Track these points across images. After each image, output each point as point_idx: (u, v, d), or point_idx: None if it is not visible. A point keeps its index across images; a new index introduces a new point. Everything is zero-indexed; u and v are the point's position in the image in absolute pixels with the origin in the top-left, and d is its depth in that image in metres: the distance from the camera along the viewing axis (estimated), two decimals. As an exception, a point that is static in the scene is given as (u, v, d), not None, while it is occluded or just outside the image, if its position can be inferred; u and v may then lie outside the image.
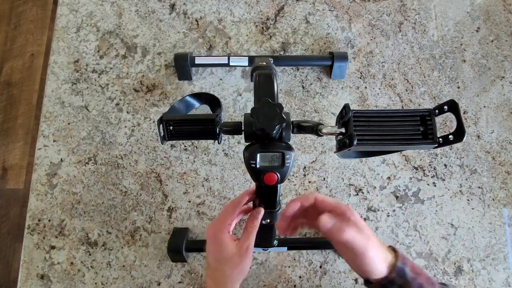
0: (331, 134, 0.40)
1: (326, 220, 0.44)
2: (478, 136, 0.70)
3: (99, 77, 0.71)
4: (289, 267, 0.64)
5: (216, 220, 0.48)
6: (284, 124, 0.41)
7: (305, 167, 0.68)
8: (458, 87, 0.72)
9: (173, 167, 0.67)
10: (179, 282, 0.63)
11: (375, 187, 0.67)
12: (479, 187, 0.68)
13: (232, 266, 0.47)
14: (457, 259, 0.65)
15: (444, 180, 0.68)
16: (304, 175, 0.67)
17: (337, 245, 0.46)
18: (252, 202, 0.50)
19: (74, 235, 0.65)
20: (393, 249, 0.46)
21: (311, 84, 0.71)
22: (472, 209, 0.67)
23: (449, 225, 0.66)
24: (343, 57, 0.69)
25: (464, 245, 0.65)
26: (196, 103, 0.63)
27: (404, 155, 0.69)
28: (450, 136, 0.36)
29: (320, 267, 0.64)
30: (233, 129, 0.45)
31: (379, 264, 0.43)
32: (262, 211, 0.48)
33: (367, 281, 0.46)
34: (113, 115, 0.70)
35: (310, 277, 0.64)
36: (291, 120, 0.44)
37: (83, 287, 0.63)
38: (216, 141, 0.47)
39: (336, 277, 0.64)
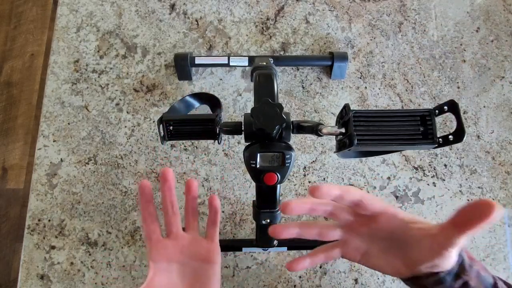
0: (331, 134, 0.40)
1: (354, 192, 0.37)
2: (478, 136, 0.70)
3: (99, 77, 0.71)
4: (289, 267, 0.64)
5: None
6: (284, 124, 0.41)
7: (305, 167, 0.68)
8: (458, 87, 0.72)
9: (173, 167, 0.67)
10: (179, 282, 0.63)
11: (375, 187, 0.67)
12: (479, 187, 0.68)
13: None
14: (457, 259, 0.65)
15: (444, 180, 0.68)
16: (304, 175, 0.67)
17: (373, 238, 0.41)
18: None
19: (74, 235, 0.65)
20: None
21: (311, 84, 0.72)
22: (472, 209, 0.67)
23: (449, 225, 0.66)
24: (343, 57, 0.69)
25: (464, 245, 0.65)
26: (196, 103, 0.63)
27: (404, 155, 0.69)
28: (450, 136, 0.36)
29: (320, 267, 0.64)
30: (233, 129, 0.45)
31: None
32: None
33: (412, 278, 0.39)
34: (113, 115, 0.70)
35: (310, 277, 0.64)
36: (291, 120, 0.44)
37: (83, 287, 0.63)
38: (216, 141, 0.47)
39: (336, 277, 0.64)
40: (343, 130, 0.39)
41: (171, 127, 0.46)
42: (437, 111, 0.37)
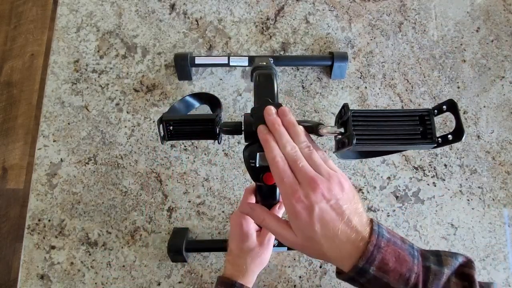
0: (331, 134, 0.40)
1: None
2: (478, 136, 0.70)
3: (99, 77, 0.71)
4: (289, 267, 0.64)
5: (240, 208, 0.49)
6: (284, 124, 0.41)
7: (305, 167, 0.68)
8: (458, 87, 0.72)
9: (173, 167, 0.67)
10: (179, 282, 0.63)
11: (375, 187, 0.67)
12: (479, 187, 0.67)
13: (253, 256, 0.50)
14: (457, 259, 0.65)
15: (444, 180, 0.68)
16: (304, 175, 0.67)
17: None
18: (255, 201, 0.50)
19: (74, 235, 0.65)
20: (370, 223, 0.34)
21: (311, 84, 0.72)
22: (472, 209, 0.67)
23: (449, 225, 0.66)
24: (343, 57, 0.69)
25: (464, 245, 0.65)
26: (196, 103, 0.63)
27: (404, 155, 0.69)
28: (449, 136, 0.36)
29: (320, 267, 0.64)
30: (233, 129, 0.45)
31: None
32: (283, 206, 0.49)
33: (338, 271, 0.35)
34: (113, 115, 0.70)
35: (310, 277, 0.64)
36: (291, 120, 0.44)
37: (83, 287, 0.63)
38: (216, 141, 0.47)
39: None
40: (342, 130, 0.39)
41: (171, 127, 0.46)
42: (436, 110, 0.37)
